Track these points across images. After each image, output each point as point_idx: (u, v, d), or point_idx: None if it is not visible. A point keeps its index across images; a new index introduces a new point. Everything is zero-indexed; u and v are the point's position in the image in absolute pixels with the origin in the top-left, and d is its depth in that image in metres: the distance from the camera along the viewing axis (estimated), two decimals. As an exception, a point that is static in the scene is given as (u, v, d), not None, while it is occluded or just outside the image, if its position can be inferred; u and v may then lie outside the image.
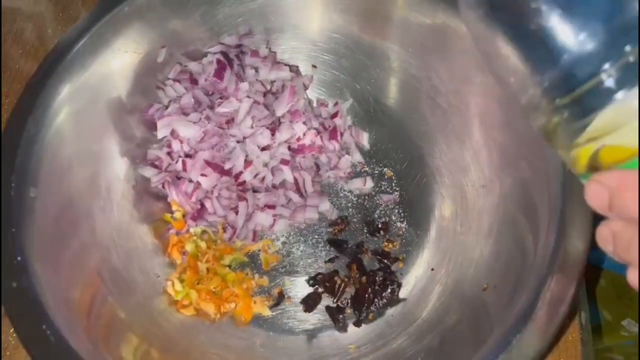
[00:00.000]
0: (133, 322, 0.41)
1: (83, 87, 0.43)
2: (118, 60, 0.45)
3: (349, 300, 0.46)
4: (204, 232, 0.47)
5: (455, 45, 0.45)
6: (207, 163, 0.47)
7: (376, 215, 0.49)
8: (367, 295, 0.46)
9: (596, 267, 0.62)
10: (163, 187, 0.48)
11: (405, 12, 0.46)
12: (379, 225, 0.49)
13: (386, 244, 0.48)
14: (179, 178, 0.48)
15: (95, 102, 0.44)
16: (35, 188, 0.38)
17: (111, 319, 0.40)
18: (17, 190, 0.36)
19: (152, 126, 0.48)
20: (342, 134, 0.52)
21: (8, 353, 0.44)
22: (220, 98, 0.49)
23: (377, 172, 0.51)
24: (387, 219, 0.49)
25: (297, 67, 0.52)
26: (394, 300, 0.46)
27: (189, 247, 0.46)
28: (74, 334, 0.34)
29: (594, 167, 0.25)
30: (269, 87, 0.51)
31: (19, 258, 0.34)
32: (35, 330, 0.32)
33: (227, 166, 0.48)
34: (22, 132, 0.38)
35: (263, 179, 0.49)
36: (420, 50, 0.48)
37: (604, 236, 0.24)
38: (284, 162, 0.49)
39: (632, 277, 0.23)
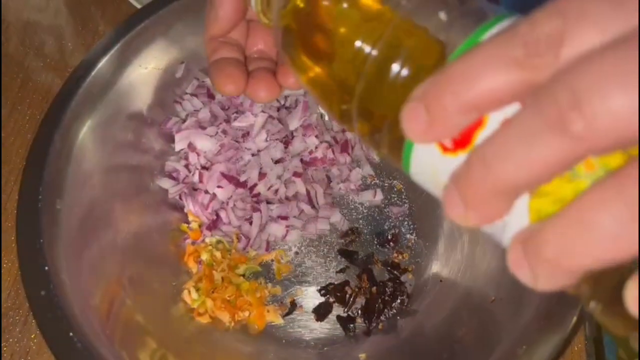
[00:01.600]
0: (151, 327, 0.42)
1: (105, 102, 0.44)
2: (138, 76, 0.47)
3: (360, 310, 0.47)
4: (219, 242, 0.49)
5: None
6: (223, 175, 0.49)
7: (386, 227, 0.51)
8: (377, 306, 0.47)
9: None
10: (180, 198, 0.49)
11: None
12: (389, 237, 0.50)
13: (396, 255, 0.49)
14: (195, 189, 0.50)
15: (117, 116, 0.46)
16: (60, 200, 0.39)
17: (130, 322, 0.41)
18: (44, 202, 0.38)
19: (170, 139, 0.50)
20: (353, 147, 0.53)
21: (29, 358, 0.45)
22: (236, 112, 0.50)
23: (387, 184, 0.53)
24: (397, 231, 0.50)
25: (310, 82, 0.54)
26: (404, 311, 0.47)
27: (205, 257, 0.48)
28: (98, 339, 0.36)
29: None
30: (282, 102, 0.52)
31: (46, 267, 0.36)
32: (63, 337, 0.34)
33: (242, 178, 0.49)
34: (49, 147, 0.39)
35: (276, 190, 0.50)
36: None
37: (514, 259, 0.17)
38: (296, 174, 0.51)
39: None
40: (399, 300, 0.47)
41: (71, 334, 0.34)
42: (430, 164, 0.20)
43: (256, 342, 0.46)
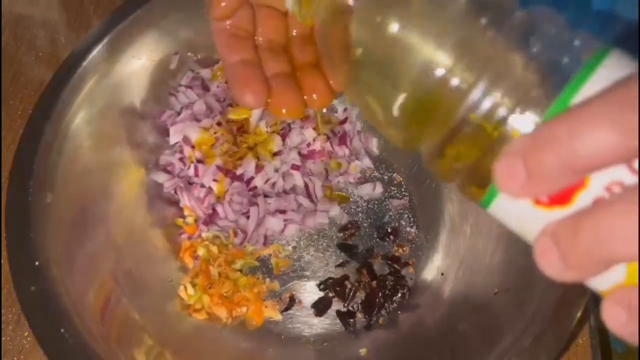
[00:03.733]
0: (147, 324, 0.41)
1: (97, 94, 0.43)
2: (132, 67, 0.46)
3: (360, 305, 0.46)
4: (215, 236, 0.48)
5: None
6: (219, 168, 0.48)
7: (386, 220, 0.50)
8: (377, 300, 0.46)
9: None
10: (175, 192, 0.48)
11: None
12: (389, 230, 0.49)
13: (396, 248, 0.48)
14: (191, 183, 0.49)
15: (109, 108, 0.45)
16: (51, 193, 0.38)
17: (125, 320, 0.41)
18: (34, 196, 0.37)
19: (164, 132, 0.49)
20: (351, 140, 0.52)
21: (22, 357, 0.44)
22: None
23: (386, 177, 0.52)
24: (397, 224, 0.50)
25: (307, 73, 0.53)
26: (405, 305, 0.46)
27: (201, 252, 0.47)
28: (91, 335, 0.35)
29: None
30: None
31: (37, 262, 0.35)
32: (54, 333, 0.33)
33: (238, 172, 0.48)
34: (40, 139, 0.38)
35: (274, 184, 0.49)
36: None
37: (542, 247, 0.18)
38: (294, 167, 0.50)
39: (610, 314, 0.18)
40: (399, 295, 0.46)
41: (62, 330, 0.33)
42: (517, 212, 0.19)
43: (254, 339, 0.45)
